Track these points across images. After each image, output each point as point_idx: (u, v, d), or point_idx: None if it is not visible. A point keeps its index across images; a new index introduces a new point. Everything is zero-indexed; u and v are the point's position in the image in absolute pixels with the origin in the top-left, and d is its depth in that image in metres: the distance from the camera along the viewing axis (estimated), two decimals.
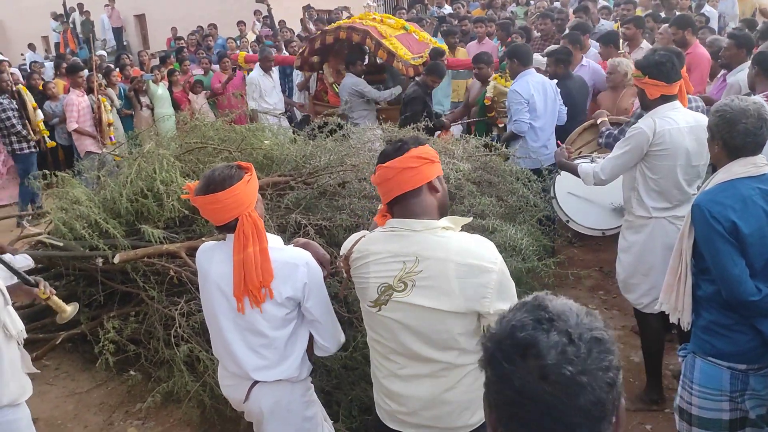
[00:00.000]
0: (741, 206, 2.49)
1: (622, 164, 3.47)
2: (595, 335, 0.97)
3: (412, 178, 1.99)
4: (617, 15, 9.01)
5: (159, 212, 4.07)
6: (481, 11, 12.10)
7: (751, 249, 2.48)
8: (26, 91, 8.44)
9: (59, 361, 4.41)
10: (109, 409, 3.89)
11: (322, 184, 4.06)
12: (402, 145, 2.02)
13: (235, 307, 2.29)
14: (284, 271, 2.27)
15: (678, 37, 5.94)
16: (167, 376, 3.63)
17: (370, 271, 2.04)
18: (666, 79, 3.31)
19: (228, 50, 11.74)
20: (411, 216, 2.01)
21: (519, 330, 0.98)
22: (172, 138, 5.07)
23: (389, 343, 2.07)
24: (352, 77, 7.31)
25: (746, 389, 2.56)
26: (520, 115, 5.33)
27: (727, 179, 2.57)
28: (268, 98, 8.56)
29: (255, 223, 2.23)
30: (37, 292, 2.82)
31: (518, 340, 0.97)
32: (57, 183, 4.67)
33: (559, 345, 0.94)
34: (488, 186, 4.27)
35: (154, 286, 3.79)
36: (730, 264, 2.47)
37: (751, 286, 2.45)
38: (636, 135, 3.36)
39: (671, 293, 2.80)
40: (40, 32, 20.53)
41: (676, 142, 3.31)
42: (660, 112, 3.36)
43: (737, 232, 2.46)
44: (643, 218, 3.49)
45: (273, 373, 2.36)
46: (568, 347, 0.94)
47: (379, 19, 7.94)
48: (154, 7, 18.88)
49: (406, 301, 1.97)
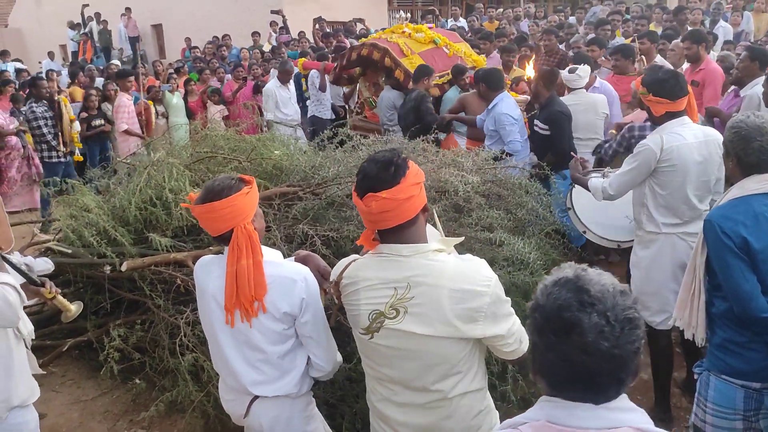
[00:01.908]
0: (753, 222, 2.48)
1: (629, 180, 3.46)
2: (628, 315, 1.22)
3: (411, 207, 1.91)
4: (631, 30, 8.98)
5: (167, 221, 4.08)
6: (491, 25, 12.12)
7: (763, 265, 2.47)
8: (66, 102, 8.64)
9: (66, 368, 4.41)
10: (114, 418, 3.89)
11: (331, 195, 4.05)
12: (396, 170, 1.88)
13: (232, 321, 2.26)
14: (282, 285, 2.24)
15: (692, 52, 5.91)
16: (171, 385, 3.62)
17: (360, 298, 1.99)
18: (670, 96, 3.30)
19: (242, 60, 11.83)
20: (403, 242, 1.94)
21: (565, 310, 1.21)
22: (183, 147, 5.09)
23: (384, 370, 2.03)
24: (392, 91, 7.17)
25: (761, 408, 2.54)
26: (514, 135, 5.49)
27: (740, 195, 2.57)
28: (284, 109, 8.60)
29: (250, 236, 2.20)
30: (42, 291, 2.84)
31: (565, 320, 1.21)
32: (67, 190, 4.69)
33: (598, 326, 1.19)
34: (497, 199, 4.24)
35: (161, 295, 3.80)
36: (741, 280, 2.46)
37: (762, 303, 2.44)
38: (643, 152, 3.35)
39: (685, 309, 2.79)
40: (59, 41, 20.80)
41: (685, 158, 3.28)
42: (668, 128, 3.34)
43: (748, 248, 2.46)
44: (653, 234, 3.46)
45: (272, 389, 2.33)
46: (605, 327, 1.19)
47: (408, 32, 7.68)
48: (171, 17, 19.10)
49: (399, 328, 1.92)
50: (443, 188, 3.95)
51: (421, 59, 7.14)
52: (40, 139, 8.20)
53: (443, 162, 4.29)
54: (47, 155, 8.26)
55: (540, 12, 13.72)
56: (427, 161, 4.23)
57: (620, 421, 1.22)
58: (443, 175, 3.97)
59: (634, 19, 9.46)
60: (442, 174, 3.98)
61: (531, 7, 14.81)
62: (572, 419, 1.23)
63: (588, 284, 1.23)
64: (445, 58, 7.42)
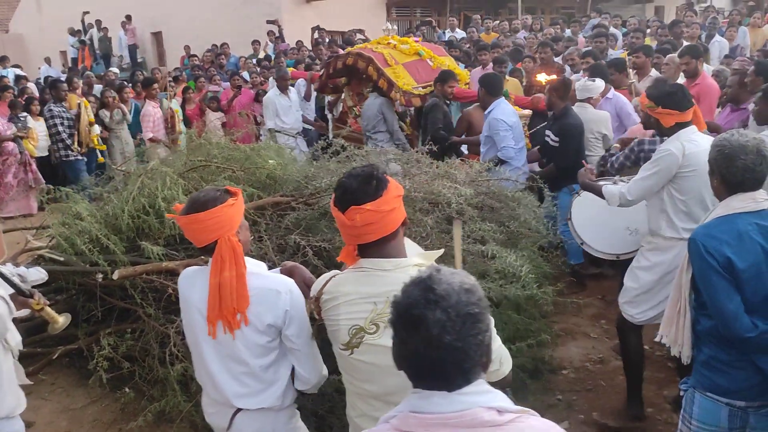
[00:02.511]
0: (737, 241, 2.46)
1: (650, 186, 3.51)
2: (469, 311, 1.31)
3: (393, 219, 1.92)
4: (626, 43, 9.02)
5: (160, 229, 4.08)
6: (488, 36, 12.16)
7: (747, 285, 2.44)
8: (87, 105, 8.90)
9: (56, 375, 4.39)
10: (102, 427, 3.87)
11: (323, 206, 4.05)
12: (378, 183, 1.90)
13: (214, 332, 2.25)
14: (266, 297, 2.23)
15: (690, 67, 5.95)
16: (160, 395, 3.61)
17: (340, 313, 1.98)
18: (679, 108, 3.41)
19: (239, 68, 11.87)
20: (384, 256, 1.94)
21: (413, 307, 1.32)
22: (178, 155, 5.09)
23: (365, 385, 2.02)
24: (378, 98, 7.17)
25: (745, 426, 2.53)
26: (507, 141, 5.52)
27: (725, 214, 2.56)
28: (285, 117, 8.59)
29: (234, 248, 2.19)
30: (31, 302, 2.83)
31: (412, 316, 1.32)
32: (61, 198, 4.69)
33: (441, 321, 1.29)
34: (490, 211, 4.24)
35: (152, 304, 3.79)
36: (725, 299, 2.44)
37: (746, 322, 2.42)
38: (665, 157, 3.41)
39: (671, 326, 2.80)
40: (59, 47, 20.84)
41: (702, 163, 3.28)
42: (684, 135, 3.43)
43: (732, 267, 2.44)
44: (673, 239, 3.50)
45: (255, 401, 2.31)
46: (447, 323, 1.29)
47: (393, 44, 7.79)
48: (170, 24, 19.15)
49: (379, 344, 1.91)
50: (436, 200, 3.95)
51: (405, 70, 7.24)
52: (55, 138, 8.60)
53: (436, 174, 4.30)
54: (64, 154, 8.68)
55: (536, 24, 13.77)
56: (420, 172, 4.24)
57: (474, 403, 1.32)
58: (436, 186, 3.97)
59: (629, 33, 9.50)
60: (435, 185, 3.98)
61: (528, 18, 14.88)
62: (430, 406, 1.34)
63: (435, 283, 1.34)
64: (429, 69, 7.49)
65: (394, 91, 7.05)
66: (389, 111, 7.14)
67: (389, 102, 7.20)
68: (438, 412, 1.33)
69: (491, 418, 1.31)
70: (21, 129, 8.98)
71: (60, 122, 8.49)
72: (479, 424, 1.30)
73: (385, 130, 7.10)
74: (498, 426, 1.31)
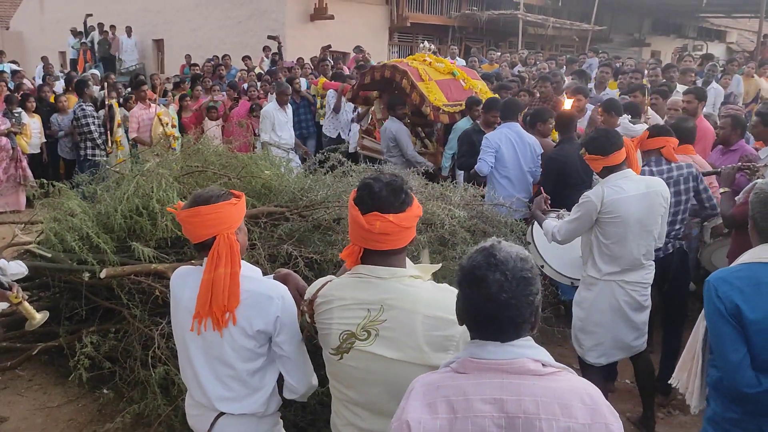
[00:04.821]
0: (752, 291, 2.31)
1: (574, 229, 3.68)
2: (523, 275, 1.54)
3: (407, 236, 1.94)
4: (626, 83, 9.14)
5: (152, 231, 4.06)
6: (490, 67, 12.32)
7: (757, 338, 2.29)
8: (117, 106, 8.90)
9: (33, 372, 4.34)
10: (78, 427, 3.81)
11: (317, 218, 4.06)
12: (405, 198, 1.92)
13: (205, 333, 2.22)
14: (258, 302, 2.22)
15: (691, 106, 6.05)
16: (140, 397, 3.56)
17: (333, 317, 1.98)
18: (602, 152, 3.55)
19: (238, 80, 11.92)
20: (385, 265, 1.95)
21: (477, 269, 1.55)
22: (174, 159, 5.09)
23: (351, 393, 2.01)
24: (395, 122, 7.24)
25: None
26: (485, 155, 5.59)
27: (750, 261, 2.41)
28: (280, 132, 8.58)
29: (231, 245, 2.19)
30: (9, 295, 2.80)
31: (475, 276, 1.55)
32: (53, 194, 4.66)
33: (499, 282, 1.52)
34: (482, 235, 4.26)
35: (138, 305, 3.76)
36: (729, 348, 2.31)
37: (749, 376, 2.28)
38: (585, 203, 3.58)
39: (684, 372, 2.70)
40: (59, 47, 20.84)
41: (625, 211, 3.49)
42: (610, 181, 3.57)
43: (740, 316, 2.29)
44: (594, 278, 3.66)
45: (238, 406, 2.29)
46: (505, 283, 1.52)
47: (429, 61, 7.86)
48: (173, 33, 19.23)
49: (369, 351, 1.91)
50: (430, 220, 3.98)
51: (438, 87, 7.32)
52: (86, 137, 8.52)
53: (431, 195, 4.33)
54: (90, 153, 8.59)
55: (531, 60, 13.97)
56: (415, 192, 4.26)
57: (522, 354, 1.55)
58: (431, 207, 4.00)
59: (627, 73, 9.65)
60: (429, 206, 4.01)
61: (524, 52, 15.12)
62: (484, 353, 1.56)
63: (496, 251, 1.57)
64: (461, 89, 7.58)
65: (425, 106, 7.14)
66: (403, 136, 7.19)
67: (404, 128, 7.28)
68: (491, 358, 1.55)
69: (536, 368, 1.53)
70: (15, 124, 8.95)
71: (92, 121, 8.46)
72: (525, 372, 1.53)
73: (399, 155, 7.19)
74: (541, 376, 1.53)
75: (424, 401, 1.56)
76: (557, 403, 1.48)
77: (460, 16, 20.13)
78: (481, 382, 1.53)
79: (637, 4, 22.77)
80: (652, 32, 26.20)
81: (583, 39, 20.52)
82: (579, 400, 1.49)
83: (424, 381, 1.63)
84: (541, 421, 1.46)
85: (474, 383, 1.54)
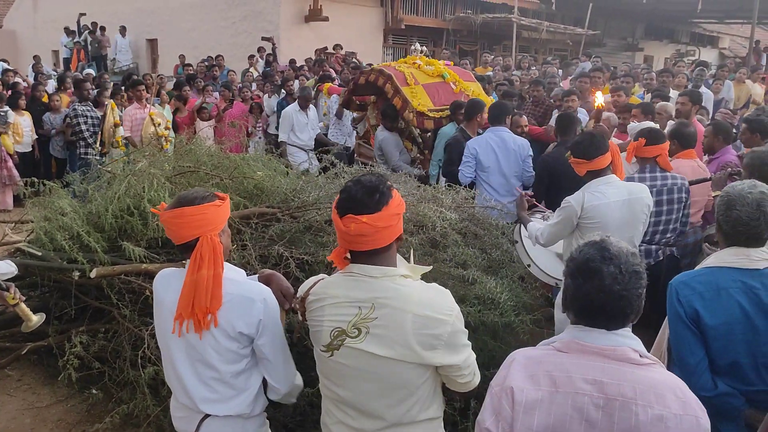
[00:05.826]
0: (712, 296, 2.33)
1: (555, 233, 3.71)
2: (635, 269, 1.67)
3: (387, 235, 1.94)
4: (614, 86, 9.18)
5: (143, 231, 4.05)
6: (483, 70, 12.34)
7: (715, 343, 2.32)
8: (114, 106, 8.83)
9: (22, 372, 4.31)
10: (66, 427, 3.79)
11: (309, 219, 4.06)
12: (381, 198, 1.92)
13: (188, 335, 2.21)
14: (240, 305, 2.21)
15: (685, 108, 6.08)
16: (129, 397, 3.56)
17: (325, 314, 1.99)
18: (585, 156, 3.55)
19: (231, 81, 11.91)
20: (374, 264, 1.96)
21: (591, 261, 1.68)
22: (166, 159, 5.08)
23: (340, 391, 2.02)
24: (384, 132, 7.22)
25: None
26: (464, 167, 5.62)
27: (713, 265, 2.42)
28: (300, 134, 8.68)
29: (215, 247, 2.18)
30: (6, 296, 2.79)
31: (590, 268, 1.68)
32: (44, 192, 4.64)
33: (613, 274, 1.65)
34: (473, 238, 4.28)
35: (128, 305, 3.74)
36: (686, 352, 2.35)
37: (705, 380, 2.31)
38: (566, 208, 3.60)
39: None
40: (52, 46, 20.76)
41: (605, 216, 3.50)
42: (591, 186, 3.58)
43: (699, 321, 2.32)
44: None
45: (223, 408, 2.28)
46: (619, 276, 1.65)
47: (419, 64, 7.67)
48: (167, 33, 19.18)
49: (359, 348, 1.92)
50: (421, 222, 3.98)
51: (424, 91, 7.12)
52: (78, 136, 8.51)
53: (423, 197, 4.33)
54: (83, 152, 8.55)
55: (525, 64, 14.00)
56: (407, 194, 4.27)
57: (624, 343, 1.67)
58: (422, 209, 4.01)
59: (618, 77, 9.70)
60: (421, 208, 4.02)
61: (519, 56, 15.14)
62: (589, 338, 1.69)
63: (609, 245, 1.70)
64: (451, 93, 7.32)
65: (407, 111, 6.93)
66: (390, 146, 7.13)
67: (392, 138, 7.20)
68: (596, 343, 1.67)
69: (635, 357, 1.65)
70: (1, 124, 8.86)
71: (83, 121, 8.42)
72: (625, 360, 1.65)
73: (385, 163, 7.12)
74: (638, 365, 1.64)
75: (526, 372, 1.68)
76: (653, 392, 1.59)
77: (454, 19, 20.17)
78: (583, 362, 1.66)
79: (630, 9, 22.88)
80: (645, 37, 26.33)
81: (576, 43, 20.60)
82: (672, 392, 1.60)
83: (525, 354, 1.75)
84: (637, 406, 1.57)
85: (576, 363, 1.66)
